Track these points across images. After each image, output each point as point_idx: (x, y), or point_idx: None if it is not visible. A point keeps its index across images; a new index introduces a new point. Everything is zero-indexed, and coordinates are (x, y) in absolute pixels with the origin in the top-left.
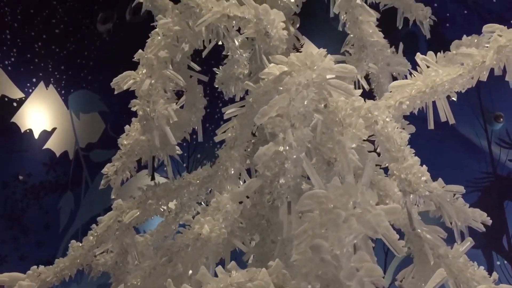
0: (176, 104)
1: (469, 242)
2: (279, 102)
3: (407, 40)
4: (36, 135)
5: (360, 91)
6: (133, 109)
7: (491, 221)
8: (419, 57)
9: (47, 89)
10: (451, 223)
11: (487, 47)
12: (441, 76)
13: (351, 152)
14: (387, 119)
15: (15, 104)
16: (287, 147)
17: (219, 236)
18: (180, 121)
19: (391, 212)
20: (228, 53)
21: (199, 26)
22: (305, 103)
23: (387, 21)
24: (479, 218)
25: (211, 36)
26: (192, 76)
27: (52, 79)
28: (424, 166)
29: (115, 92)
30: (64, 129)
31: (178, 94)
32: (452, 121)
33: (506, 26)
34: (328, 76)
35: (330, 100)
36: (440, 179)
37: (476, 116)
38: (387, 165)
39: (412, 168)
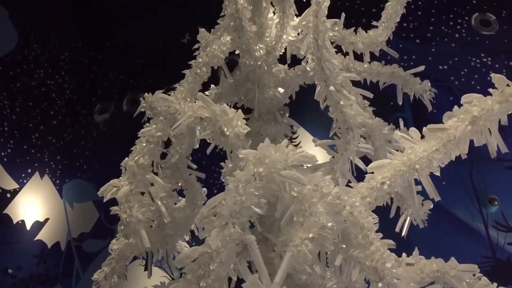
0: (175, 204)
1: None
2: (215, 201)
3: (397, 125)
4: (28, 226)
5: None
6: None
7: None
8: (397, 134)
9: (41, 179)
10: None
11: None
12: (417, 152)
13: (304, 243)
14: (356, 204)
15: (8, 195)
16: (214, 248)
17: None
18: (181, 219)
19: None
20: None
21: (174, 130)
22: (242, 199)
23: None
24: None
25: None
26: (191, 174)
27: (47, 169)
28: (389, 252)
29: (104, 200)
30: (57, 219)
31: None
32: (437, 197)
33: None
34: (301, 162)
35: (298, 190)
36: (453, 259)
37: (471, 199)
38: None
39: (375, 254)
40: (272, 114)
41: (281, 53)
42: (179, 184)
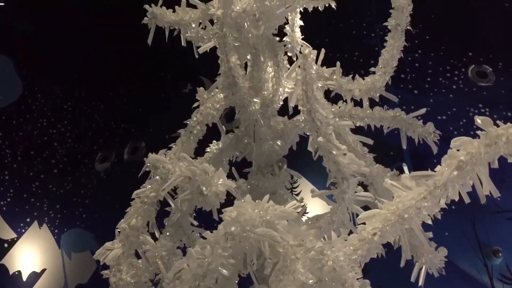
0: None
1: None
2: (181, 264)
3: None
4: (24, 277)
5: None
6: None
7: None
8: (387, 182)
9: (40, 228)
10: None
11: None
12: (405, 201)
13: None
14: (340, 258)
15: (6, 245)
16: None
17: None
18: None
19: None
20: None
21: (163, 191)
22: (208, 261)
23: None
24: None
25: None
26: (194, 231)
27: (46, 219)
28: None
29: (101, 264)
30: (54, 270)
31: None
32: (431, 248)
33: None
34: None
35: (284, 244)
36: None
37: (474, 251)
38: None
39: None
40: (271, 167)
41: (280, 105)
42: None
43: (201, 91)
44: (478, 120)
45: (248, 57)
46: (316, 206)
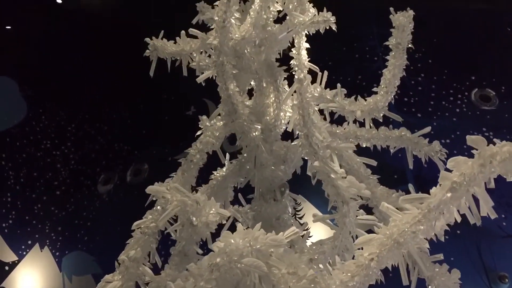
0: None
1: None
2: None
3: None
4: None
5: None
6: None
7: None
8: (383, 205)
9: (41, 251)
10: None
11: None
12: (400, 225)
13: None
14: (332, 287)
15: (7, 268)
16: None
17: None
18: None
19: None
20: None
21: (161, 221)
22: None
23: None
24: None
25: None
26: (199, 260)
27: (47, 241)
28: None
29: None
30: None
31: None
32: (427, 273)
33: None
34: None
35: (275, 273)
36: None
37: (480, 276)
38: None
39: None
40: (273, 193)
41: (282, 130)
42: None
43: (204, 120)
44: (470, 139)
45: (252, 82)
46: (320, 231)
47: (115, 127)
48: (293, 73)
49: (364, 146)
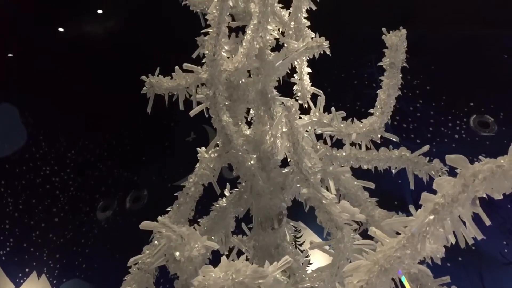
0: None
1: None
2: None
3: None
4: None
5: None
6: None
7: None
8: (371, 230)
9: (39, 279)
10: None
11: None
12: (386, 250)
13: None
14: None
15: None
16: None
17: None
18: None
19: None
20: None
21: (153, 257)
22: None
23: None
24: None
25: None
26: None
27: (45, 268)
28: None
29: None
30: None
31: None
32: None
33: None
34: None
35: None
36: None
37: None
38: None
39: None
40: (271, 221)
41: (281, 157)
42: None
43: (202, 151)
44: (450, 158)
45: (252, 111)
46: (321, 257)
47: (114, 154)
48: (297, 98)
49: (366, 168)
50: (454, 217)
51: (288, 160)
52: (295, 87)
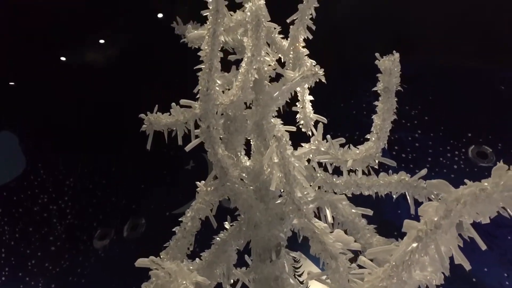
0: None
1: None
2: None
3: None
4: None
5: None
6: None
7: None
8: (360, 259)
9: None
10: None
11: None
12: (372, 280)
13: None
14: None
15: None
16: None
17: None
18: None
19: None
20: None
21: None
22: None
23: None
24: None
25: None
26: None
27: None
28: None
29: None
30: None
31: None
32: None
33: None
34: None
35: None
36: None
37: None
38: None
39: None
40: (269, 253)
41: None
42: None
43: (201, 185)
44: (431, 184)
45: (252, 142)
46: None
47: (113, 181)
48: (300, 126)
49: (367, 194)
50: (438, 244)
51: (281, 190)
52: (297, 116)
